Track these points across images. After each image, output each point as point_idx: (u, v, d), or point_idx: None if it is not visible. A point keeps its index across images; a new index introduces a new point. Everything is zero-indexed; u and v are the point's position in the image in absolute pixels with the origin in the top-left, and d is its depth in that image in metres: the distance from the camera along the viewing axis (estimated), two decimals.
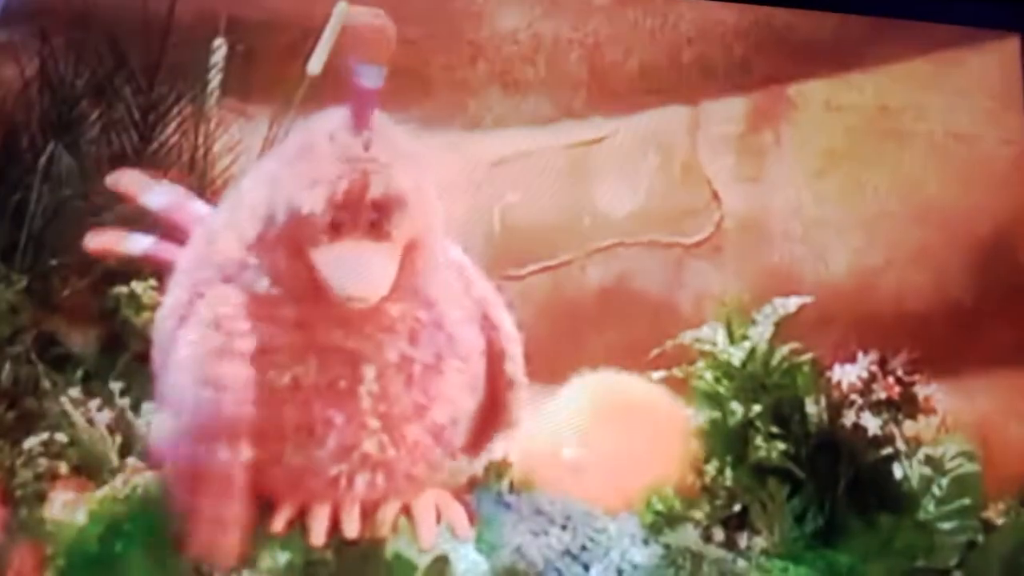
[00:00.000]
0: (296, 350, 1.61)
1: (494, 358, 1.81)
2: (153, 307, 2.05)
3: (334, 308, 1.60)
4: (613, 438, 1.91)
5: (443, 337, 1.71)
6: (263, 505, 1.72)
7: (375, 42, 1.55)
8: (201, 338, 1.60)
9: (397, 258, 1.59)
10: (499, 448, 1.91)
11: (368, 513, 1.72)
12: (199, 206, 1.95)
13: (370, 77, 1.56)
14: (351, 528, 1.71)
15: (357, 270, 1.56)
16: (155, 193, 1.92)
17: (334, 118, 1.62)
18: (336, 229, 1.56)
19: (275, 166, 1.64)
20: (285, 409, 1.64)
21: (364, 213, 1.56)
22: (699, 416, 2.02)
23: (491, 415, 1.84)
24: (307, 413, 1.64)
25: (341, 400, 1.64)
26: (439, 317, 1.70)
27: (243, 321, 1.59)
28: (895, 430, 1.96)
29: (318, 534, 1.70)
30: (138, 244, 1.89)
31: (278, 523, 1.71)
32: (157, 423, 1.69)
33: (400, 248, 1.60)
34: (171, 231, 1.87)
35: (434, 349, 1.69)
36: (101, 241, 1.94)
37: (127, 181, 1.95)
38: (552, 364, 1.88)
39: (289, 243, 1.58)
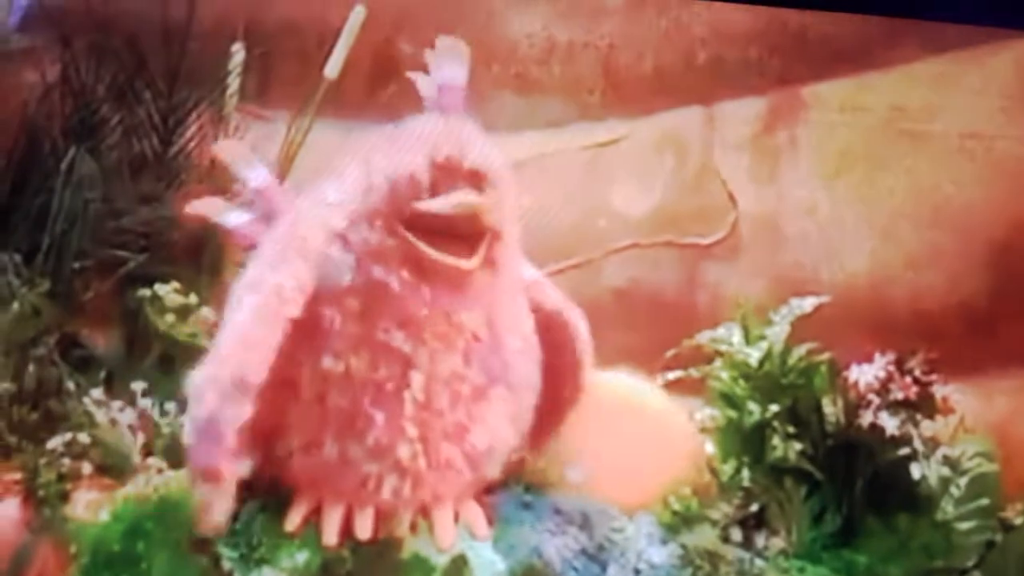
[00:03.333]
0: (355, 341, 1.63)
1: (570, 366, 1.84)
2: (175, 309, 2.07)
3: (411, 304, 1.62)
4: (618, 438, 1.92)
5: (497, 363, 1.72)
6: (282, 502, 1.74)
7: (454, 49, 1.66)
8: (260, 302, 1.62)
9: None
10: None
11: (383, 514, 1.73)
12: (290, 193, 1.95)
13: (453, 77, 1.66)
14: (364, 529, 1.71)
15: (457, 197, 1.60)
16: (255, 171, 1.90)
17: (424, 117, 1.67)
18: (434, 191, 1.60)
19: (367, 153, 1.67)
20: (331, 396, 1.66)
21: (460, 183, 1.60)
22: (715, 416, 2.02)
23: (554, 418, 1.87)
24: (352, 404, 1.65)
25: (386, 400, 1.65)
26: (498, 342, 1.71)
27: (300, 294, 1.62)
28: (912, 430, 1.95)
29: (330, 534, 1.71)
30: (234, 219, 1.88)
31: (292, 521, 1.72)
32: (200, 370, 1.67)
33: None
34: (265, 213, 1.86)
35: (486, 373, 1.71)
36: (201, 207, 1.90)
37: (230, 152, 1.94)
38: None
39: (388, 211, 1.61)
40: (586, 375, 1.88)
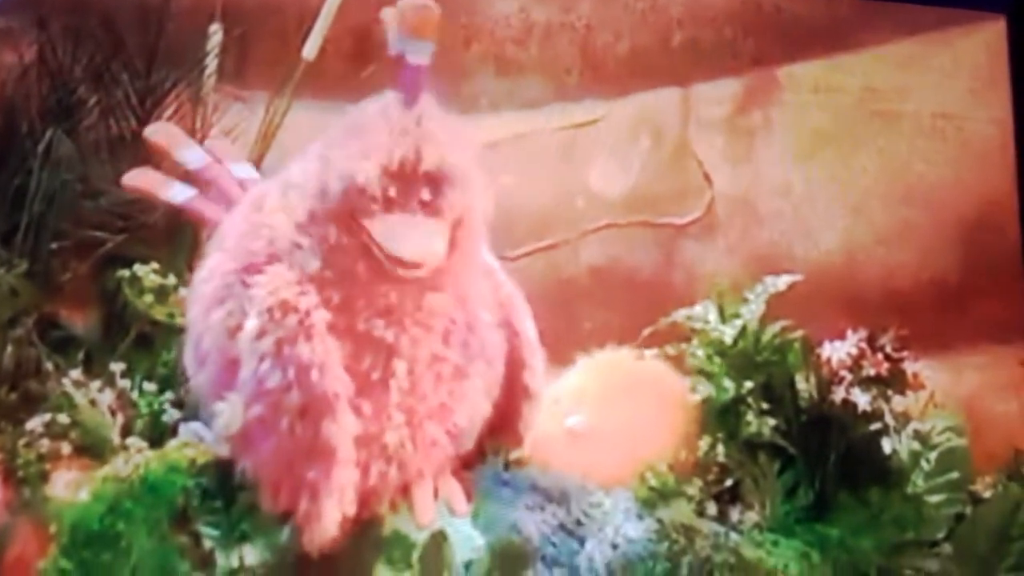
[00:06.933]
0: (337, 333, 1.60)
1: (514, 367, 1.81)
2: (154, 289, 2.07)
3: (380, 288, 1.59)
4: (615, 414, 1.93)
5: (474, 339, 1.71)
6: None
7: (422, 18, 1.52)
8: (275, 323, 1.57)
9: (447, 234, 1.58)
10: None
11: (368, 496, 1.73)
12: (238, 167, 1.93)
13: (419, 53, 1.53)
14: (348, 509, 1.71)
15: (413, 238, 1.55)
16: (191, 151, 1.87)
17: (386, 98, 1.59)
18: (389, 202, 1.54)
19: (325, 147, 1.62)
20: None
21: (417, 187, 1.55)
22: (693, 392, 2.04)
23: (501, 425, 1.84)
24: None
25: (372, 390, 1.63)
26: (471, 318, 1.70)
27: (312, 295, 1.58)
28: (884, 406, 1.96)
29: None
30: (180, 194, 1.84)
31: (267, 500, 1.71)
32: (227, 411, 1.64)
33: (449, 225, 1.58)
34: (210, 190, 1.84)
35: (464, 351, 1.69)
36: (142, 180, 1.86)
37: (163, 135, 1.89)
38: (546, 344, 1.90)
39: (341, 216, 1.56)
40: (535, 359, 1.84)
